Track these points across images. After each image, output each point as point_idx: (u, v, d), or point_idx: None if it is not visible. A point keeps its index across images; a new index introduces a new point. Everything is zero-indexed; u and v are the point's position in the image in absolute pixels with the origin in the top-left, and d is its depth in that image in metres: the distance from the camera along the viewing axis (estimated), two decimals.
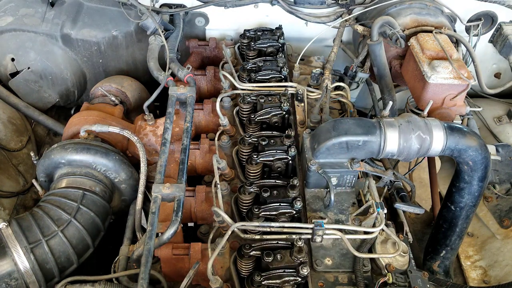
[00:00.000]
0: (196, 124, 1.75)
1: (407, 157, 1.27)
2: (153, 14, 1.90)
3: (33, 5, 2.07)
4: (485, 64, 2.30)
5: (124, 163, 1.58)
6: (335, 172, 1.30)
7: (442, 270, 1.60)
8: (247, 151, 1.39)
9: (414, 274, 1.18)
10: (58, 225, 1.38)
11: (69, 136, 1.70)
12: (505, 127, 2.15)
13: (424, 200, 2.30)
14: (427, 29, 1.80)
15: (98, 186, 1.54)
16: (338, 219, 1.31)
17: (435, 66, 1.59)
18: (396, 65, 1.90)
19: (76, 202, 1.44)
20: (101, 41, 2.06)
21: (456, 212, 1.44)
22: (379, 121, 1.27)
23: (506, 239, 1.89)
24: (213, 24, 2.19)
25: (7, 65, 2.02)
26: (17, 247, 1.29)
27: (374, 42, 1.79)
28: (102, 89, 1.92)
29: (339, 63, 2.23)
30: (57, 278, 1.36)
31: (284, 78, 1.69)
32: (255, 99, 1.54)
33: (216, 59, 2.08)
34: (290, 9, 2.08)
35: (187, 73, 1.74)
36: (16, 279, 1.28)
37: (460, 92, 1.62)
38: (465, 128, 1.29)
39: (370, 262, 1.23)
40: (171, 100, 1.63)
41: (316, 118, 1.52)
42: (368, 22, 1.98)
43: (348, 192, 1.38)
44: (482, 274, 1.88)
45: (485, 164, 1.30)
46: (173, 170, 1.56)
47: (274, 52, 1.82)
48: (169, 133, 1.49)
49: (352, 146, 1.25)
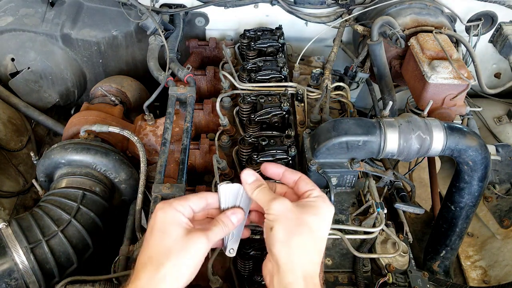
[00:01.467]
0: (196, 124, 1.75)
1: (407, 157, 1.27)
2: (153, 14, 1.90)
3: (33, 5, 2.07)
4: (485, 64, 2.30)
5: (124, 163, 1.58)
6: (335, 172, 1.30)
7: (442, 270, 1.60)
8: (247, 151, 1.39)
9: (414, 274, 1.18)
10: (58, 225, 1.38)
11: (69, 136, 1.70)
12: (505, 127, 2.15)
13: (424, 200, 2.31)
14: (427, 29, 1.80)
15: (98, 186, 1.54)
16: (338, 219, 1.31)
17: (435, 66, 1.59)
18: (396, 65, 1.90)
19: (76, 202, 1.44)
20: (101, 41, 2.06)
21: (456, 212, 1.44)
22: (379, 121, 1.27)
23: (506, 239, 1.89)
24: (213, 24, 2.19)
25: (7, 65, 2.02)
26: (17, 247, 1.29)
27: (374, 42, 1.79)
28: (102, 89, 1.92)
29: (339, 63, 2.23)
30: (57, 278, 1.36)
31: (284, 78, 1.69)
32: (255, 99, 1.54)
33: (216, 59, 2.08)
34: (290, 9, 2.08)
35: (187, 73, 1.74)
36: (16, 279, 1.28)
37: (460, 92, 1.62)
38: (465, 128, 1.29)
39: (370, 262, 1.23)
40: (171, 100, 1.63)
41: (316, 118, 1.52)
42: (368, 22, 1.98)
43: (348, 192, 1.38)
44: (482, 274, 1.88)
45: (485, 164, 1.30)
46: (173, 170, 1.56)
47: (274, 52, 1.82)
48: (169, 133, 1.49)
49: (352, 146, 1.25)
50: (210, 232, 0.88)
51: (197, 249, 0.85)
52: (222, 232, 0.91)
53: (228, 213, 0.93)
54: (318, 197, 0.91)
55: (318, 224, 0.87)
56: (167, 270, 0.81)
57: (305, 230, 0.85)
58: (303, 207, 0.88)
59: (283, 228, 0.84)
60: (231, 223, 0.92)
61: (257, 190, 0.92)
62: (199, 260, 0.86)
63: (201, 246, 0.85)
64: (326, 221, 0.89)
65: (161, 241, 0.85)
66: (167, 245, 0.84)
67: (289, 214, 0.85)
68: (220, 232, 0.91)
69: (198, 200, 0.93)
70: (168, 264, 0.82)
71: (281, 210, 0.86)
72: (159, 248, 0.84)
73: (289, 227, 0.84)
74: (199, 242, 0.85)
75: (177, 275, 0.82)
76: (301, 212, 0.86)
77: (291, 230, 0.84)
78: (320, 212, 0.88)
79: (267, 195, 0.90)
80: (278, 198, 0.88)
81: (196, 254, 0.85)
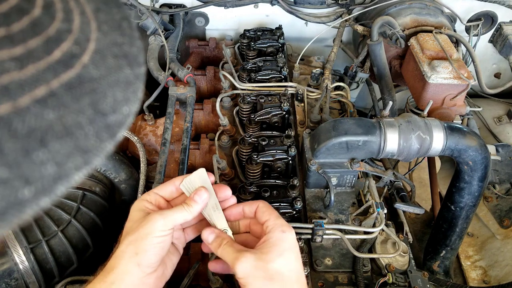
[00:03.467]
0: (196, 124, 1.75)
1: (407, 157, 1.27)
2: (153, 14, 1.90)
3: None
4: (485, 64, 2.30)
5: (124, 163, 1.58)
6: (335, 172, 1.30)
7: (442, 270, 1.60)
8: (247, 151, 1.39)
9: (414, 274, 1.18)
10: (58, 225, 1.38)
11: None
12: (505, 127, 2.15)
13: (424, 200, 2.30)
14: (427, 29, 1.80)
15: (98, 186, 1.54)
16: (338, 219, 1.31)
17: (435, 66, 1.59)
18: (396, 65, 1.90)
19: (76, 202, 1.44)
20: None
21: (456, 212, 1.44)
22: (379, 121, 1.27)
23: (506, 239, 1.89)
24: (213, 24, 2.19)
25: None
26: (17, 247, 1.29)
27: (374, 42, 1.79)
28: None
29: (339, 63, 2.23)
30: (57, 278, 1.36)
31: (284, 78, 1.69)
32: (255, 99, 1.54)
33: (216, 59, 2.08)
34: (290, 9, 2.08)
35: (187, 73, 1.74)
36: (16, 279, 1.28)
37: (460, 92, 1.62)
38: (465, 128, 1.29)
39: (370, 262, 1.23)
40: (171, 100, 1.63)
41: (316, 118, 1.52)
42: (368, 22, 1.98)
43: (348, 192, 1.38)
44: (482, 274, 1.88)
45: (485, 164, 1.30)
46: (173, 170, 1.56)
47: (274, 52, 1.82)
48: (169, 133, 1.49)
49: (352, 146, 1.25)
50: (168, 211, 0.91)
51: (150, 225, 0.87)
52: (186, 212, 0.92)
53: (192, 195, 0.95)
54: (273, 229, 0.90)
55: (285, 266, 0.86)
56: (124, 247, 0.86)
57: (277, 280, 0.84)
58: (266, 253, 0.87)
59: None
60: (193, 201, 0.93)
61: (220, 248, 0.92)
62: (157, 236, 0.87)
63: (154, 222, 0.88)
64: (291, 253, 0.88)
65: (125, 228, 0.92)
66: (127, 227, 0.91)
67: (256, 272, 0.84)
68: (182, 212, 0.92)
69: (164, 186, 0.98)
70: (125, 241, 0.87)
71: (247, 271, 0.85)
72: (123, 232, 0.92)
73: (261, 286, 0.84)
74: (152, 218, 0.89)
75: (136, 251, 0.85)
76: (266, 262, 0.85)
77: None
78: (281, 247, 0.88)
79: (230, 253, 0.90)
80: (240, 256, 0.86)
81: (151, 230, 0.87)
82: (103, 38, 0.34)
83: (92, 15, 0.34)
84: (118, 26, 0.37)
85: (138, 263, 0.85)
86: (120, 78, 0.35)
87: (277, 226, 0.91)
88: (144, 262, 0.85)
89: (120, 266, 0.85)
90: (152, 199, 0.96)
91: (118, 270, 0.84)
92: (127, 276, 0.84)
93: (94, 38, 0.33)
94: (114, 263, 0.86)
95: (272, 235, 0.90)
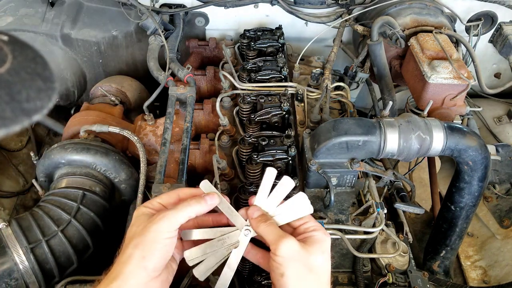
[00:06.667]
0: (196, 124, 1.75)
1: (407, 157, 1.27)
2: (153, 14, 1.90)
3: (33, 5, 2.07)
4: (485, 64, 2.30)
5: (124, 163, 1.58)
6: (335, 172, 1.30)
7: (442, 270, 1.60)
8: (247, 151, 1.39)
9: (414, 274, 1.18)
10: (58, 225, 1.38)
11: (69, 136, 1.70)
12: (505, 127, 2.15)
13: (424, 200, 2.31)
14: (427, 29, 1.80)
15: (98, 186, 1.54)
16: (338, 219, 1.31)
17: (435, 66, 1.59)
18: (396, 65, 1.90)
19: (76, 202, 1.44)
20: (101, 41, 2.06)
21: (456, 212, 1.44)
22: (379, 121, 1.27)
23: (506, 239, 1.89)
24: (213, 24, 2.19)
25: None
26: (17, 247, 1.29)
27: (374, 42, 1.79)
28: (102, 89, 1.91)
29: (339, 63, 2.23)
30: (57, 278, 1.36)
31: (284, 78, 1.69)
32: (255, 99, 1.54)
33: (216, 59, 2.08)
34: (290, 9, 2.09)
35: (187, 73, 1.74)
36: (16, 279, 1.28)
37: (460, 92, 1.62)
38: (465, 128, 1.29)
39: (370, 262, 1.23)
40: (171, 100, 1.63)
41: (316, 118, 1.52)
42: (368, 22, 1.98)
43: (348, 192, 1.38)
44: (482, 274, 1.88)
45: (485, 164, 1.30)
46: (173, 170, 1.56)
47: (274, 52, 1.82)
48: (169, 133, 1.49)
49: (352, 146, 1.25)
50: (171, 211, 0.90)
51: (156, 227, 0.87)
52: (191, 209, 0.92)
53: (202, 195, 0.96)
54: (318, 229, 0.93)
55: (323, 264, 0.89)
56: (130, 251, 0.86)
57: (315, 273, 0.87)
58: (309, 246, 0.89)
59: (294, 274, 0.85)
60: (203, 200, 0.94)
61: (265, 224, 0.93)
62: (163, 238, 0.87)
63: (160, 224, 0.87)
64: (329, 256, 0.92)
65: (129, 233, 0.91)
66: (131, 231, 0.91)
67: (298, 257, 0.86)
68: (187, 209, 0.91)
69: (167, 196, 0.98)
70: (131, 245, 0.86)
71: (290, 253, 0.86)
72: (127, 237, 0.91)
73: (299, 274, 0.86)
74: (158, 220, 0.88)
75: (143, 254, 0.85)
76: (309, 253, 0.87)
77: (301, 277, 0.86)
78: (323, 247, 0.90)
79: (274, 232, 0.91)
80: (286, 237, 0.88)
81: (157, 232, 0.87)
82: (17, 63, 0.52)
83: (10, 53, 0.53)
84: (32, 59, 0.55)
85: (145, 267, 0.84)
86: (33, 85, 0.52)
87: (320, 227, 0.94)
88: (151, 266, 0.85)
89: (126, 271, 0.84)
90: (154, 206, 0.96)
91: (124, 276, 0.84)
92: (134, 280, 0.84)
93: (9, 60, 0.52)
94: (120, 268, 0.85)
95: (316, 234, 0.92)
